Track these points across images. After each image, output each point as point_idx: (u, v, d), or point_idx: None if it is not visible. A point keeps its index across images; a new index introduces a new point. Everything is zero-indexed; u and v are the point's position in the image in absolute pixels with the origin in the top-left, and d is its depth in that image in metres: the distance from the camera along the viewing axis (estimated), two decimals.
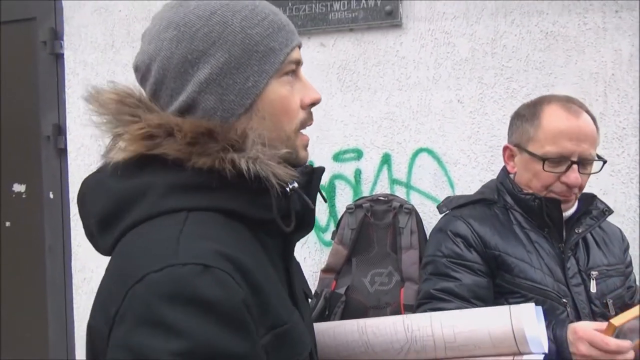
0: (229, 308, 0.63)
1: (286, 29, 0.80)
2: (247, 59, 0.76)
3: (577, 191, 1.32)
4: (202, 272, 0.63)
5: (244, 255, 0.69)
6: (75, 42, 2.60)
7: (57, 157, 2.69)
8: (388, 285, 1.90)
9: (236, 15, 0.77)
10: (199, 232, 0.68)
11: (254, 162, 0.71)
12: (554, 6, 1.91)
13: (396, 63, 2.09)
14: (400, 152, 2.10)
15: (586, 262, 1.34)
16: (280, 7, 2.17)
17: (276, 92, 0.78)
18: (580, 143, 1.26)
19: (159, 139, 0.72)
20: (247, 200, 0.74)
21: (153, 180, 0.72)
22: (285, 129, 0.79)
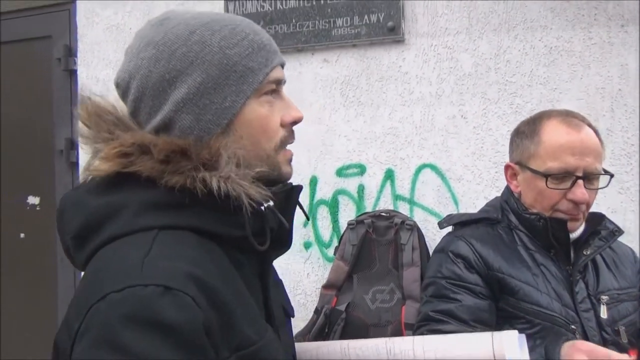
0: (187, 332, 0.61)
1: (266, 48, 0.78)
2: (224, 79, 0.74)
3: (585, 209, 1.21)
4: (163, 294, 0.61)
5: (211, 275, 0.67)
6: (88, 58, 2.58)
7: (69, 171, 2.67)
8: (390, 303, 1.82)
9: (215, 35, 0.75)
10: (166, 252, 0.66)
11: (225, 181, 0.70)
12: (558, 21, 1.83)
13: (399, 78, 2.02)
14: (404, 168, 2.03)
15: (596, 286, 1.23)
16: (283, 23, 2.14)
17: (254, 111, 0.76)
18: (583, 157, 1.17)
19: (133, 157, 0.71)
20: (220, 218, 0.72)
21: (127, 198, 0.71)
22: (264, 148, 0.77)
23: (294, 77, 2.17)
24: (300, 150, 2.15)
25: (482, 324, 1.18)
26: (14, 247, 2.81)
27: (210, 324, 0.63)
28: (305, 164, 2.15)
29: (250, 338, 0.70)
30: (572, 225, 1.22)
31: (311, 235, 2.13)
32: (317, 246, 2.13)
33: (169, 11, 0.80)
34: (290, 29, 2.15)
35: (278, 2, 2.17)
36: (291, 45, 2.15)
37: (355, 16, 2.05)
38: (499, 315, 1.22)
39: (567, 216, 1.21)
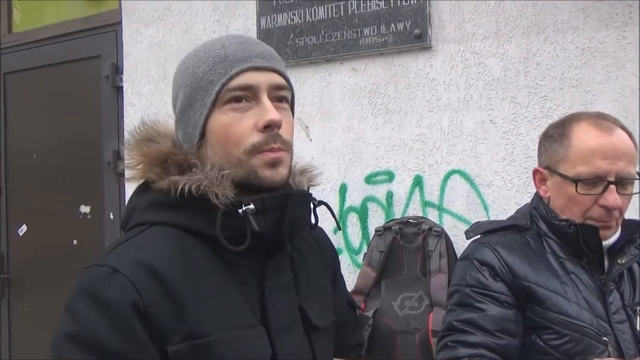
0: (117, 308, 0.70)
1: (228, 59, 0.80)
2: (194, 95, 0.81)
3: (618, 215, 1.12)
4: (110, 274, 0.72)
5: (170, 267, 0.74)
6: (132, 75, 2.66)
7: (117, 181, 2.75)
8: (418, 310, 1.75)
9: (193, 59, 0.83)
10: (139, 242, 0.77)
11: (193, 186, 0.76)
12: (590, 21, 1.72)
13: (426, 85, 1.97)
14: (432, 174, 1.96)
15: (632, 297, 1.13)
16: (312, 35, 2.13)
17: (217, 121, 0.80)
18: (615, 161, 1.08)
19: (148, 166, 0.82)
20: (199, 218, 0.78)
21: (141, 199, 0.83)
22: (232, 153, 0.79)
23: (323, 87, 2.16)
24: (329, 159, 2.14)
25: (507, 334, 1.11)
26: (68, 253, 2.92)
27: (149, 306, 0.71)
28: (335, 171, 2.12)
29: (206, 329, 0.73)
30: (605, 233, 1.13)
31: (341, 242, 2.10)
32: (347, 252, 2.09)
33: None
34: (319, 40, 2.14)
35: (307, 14, 2.16)
36: (320, 55, 2.14)
37: (382, 25, 2.01)
38: (526, 325, 1.14)
39: (599, 223, 1.12)
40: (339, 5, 2.09)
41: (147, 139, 0.83)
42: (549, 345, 1.10)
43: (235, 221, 0.77)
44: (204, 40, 2.40)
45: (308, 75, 2.16)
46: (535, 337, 1.13)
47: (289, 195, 0.81)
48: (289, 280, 0.86)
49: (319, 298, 0.91)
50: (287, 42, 2.19)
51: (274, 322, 0.81)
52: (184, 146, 0.83)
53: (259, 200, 0.78)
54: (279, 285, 0.84)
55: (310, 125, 2.16)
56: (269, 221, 0.79)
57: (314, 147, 2.15)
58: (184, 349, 0.72)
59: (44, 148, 2.99)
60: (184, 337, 0.73)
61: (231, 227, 0.77)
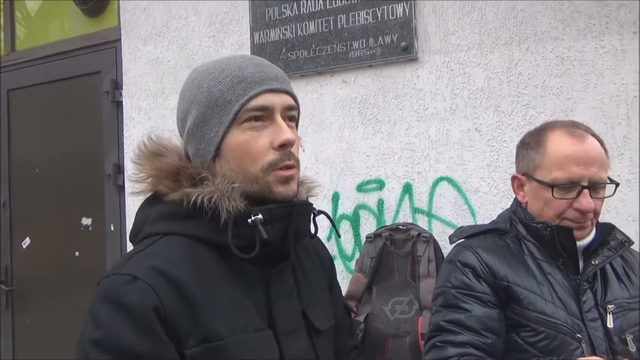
0: (139, 312, 0.73)
1: (246, 80, 0.84)
2: (210, 113, 0.85)
3: (592, 217, 1.18)
4: (130, 281, 0.76)
5: (184, 274, 0.78)
6: (132, 90, 2.75)
7: (117, 194, 2.82)
8: (408, 314, 1.80)
9: (207, 77, 0.86)
10: (154, 252, 0.81)
11: (205, 197, 0.80)
12: (569, 32, 1.79)
13: (414, 95, 2.03)
14: (421, 182, 2.02)
15: (603, 296, 1.19)
16: (304, 49, 2.20)
17: (236, 138, 0.84)
18: (588, 167, 1.15)
19: (158, 179, 0.86)
20: (212, 228, 0.82)
21: (151, 211, 0.87)
22: (249, 170, 0.84)
23: (315, 99, 2.23)
24: (322, 168, 2.20)
25: (493, 333, 1.16)
26: (70, 265, 2.98)
27: (168, 311, 0.75)
28: (327, 180, 2.18)
29: (219, 333, 0.78)
30: (580, 234, 1.19)
31: (335, 249, 2.15)
32: (340, 259, 2.14)
33: (202, 63, 0.93)
34: (310, 54, 2.21)
35: (298, 29, 2.24)
36: (312, 69, 2.21)
37: (370, 38, 2.09)
38: (507, 324, 1.20)
39: (575, 224, 1.18)
40: (328, 20, 2.16)
41: (156, 153, 0.88)
42: (527, 343, 1.15)
43: (244, 230, 0.81)
44: (200, 55, 2.52)
45: (300, 87, 2.23)
46: (514, 335, 1.18)
47: (293, 205, 0.86)
48: (292, 286, 0.91)
49: (319, 303, 0.97)
50: (280, 56, 2.27)
51: (280, 326, 0.86)
52: (195, 160, 0.87)
53: (266, 210, 0.83)
54: (284, 291, 0.89)
55: (303, 136, 2.23)
56: (276, 230, 0.84)
57: (307, 157, 2.21)
58: (200, 352, 0.76)
59: (47, 162, 3.07)
60: (199, 340, 0.77)
61: (241, 236, 0.82)
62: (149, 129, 2.67)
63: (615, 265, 1.25)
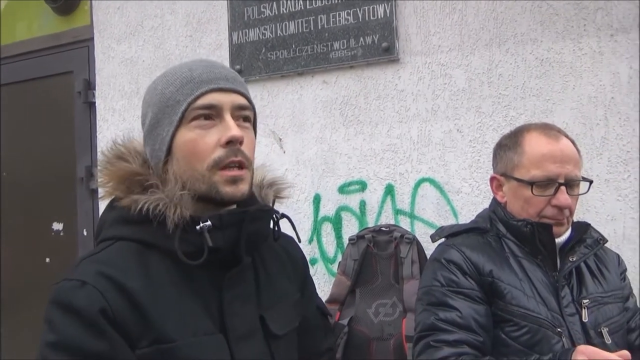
0: (88, 315, 0.77)
1: (194, 81, 0.87)
2: (162, 114, 0.87)
3: (569, 214, 1.24)
4: (79, 286, 0.79)
5: (131, 278, 0.81)
6: (105, 91, 2.69)
7: (90, 198, 2.76)
8: (392, 316, 1.80)
9: (162, 80, 0.90)
10: (102, 257, 0.84)
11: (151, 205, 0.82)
12: (548, 34, 1.83)
13: (395, 96, 2.05)
14: (403, 183, 2.03)
15: (579, 292, 1.24)
16: (284, 49, 2.19)
17: (183, 137, 0.86)
18: (564, 165, 1.21)
19: (116, 184, 0.88)
20: (162, 234, 0.83)
21: (109, 215, 0.90)
22: (197, 168, 0.86)
23: (295, 100, 2.22)
24: (303, 169, 2.19)
25: (484, 330, 1.19)
26: (41, 271, 2.90)
27: (117, 313, 0.78)
28: (309, 182, 2.18)
29: (170, 336, 0.81)
30: (558, 230, 1.24)
31: (316, 251, 2.14)
32: (322, 262, 2.14)
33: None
34: (290, 54, 2.20)
35: (278, 29, 2.23)
36: (292, 69, 2.20)
37: (351, 39, 2.09)
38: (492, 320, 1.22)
39: (553, 221, 1.23)
40: (309, 20, 2.16)
41: (118, 157, 0.90)
42: (510, 337, 1.19)
43: (193, 237, 0.83)
44: (176, 55, 2.48)
45: (280, 88, 2.22)
46: (498, 330, 1.21)
47: (245, 212, 0.87)
48: (249, 291, 0.93)
49: (281, 306, 0.97)
50: (259, 57, 2.25)
51: (232, 331, 0.87)
52: (151, 163, 0.90)
53: (216, 217, 0.84)
54: (239, 295, 0.90)
55: (284, 138, 2.22)
56: (227, 236, 0.85)
57: (288, 158, 2.20)
58: (151, 352, 0.79)
59: (16, 165, 3.00)
60: (150, 342, 0.80)
61: (190, 242, 0.84)
62: (124, 130, 2.60)
63: (588, 262, 1.31)
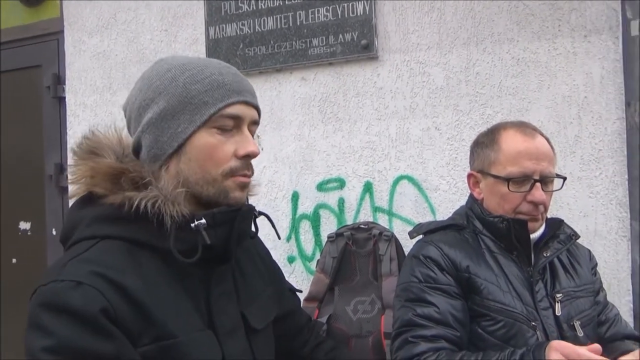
0: (88, 315, 0.74)
1: (225, 87, 0.88)
2: (182, 108, 0.86)
3: (544, 210, 1.28)
4: (74, 287, 0.75)
5: (127, 277, 0.79)
6: (76, 85, 2.63)
7: (59, 196, 2.69)
8: (371, 313, 1.81)
9: (184, 73, 0.88)
10: (92, 257, 0.80)
11: (149, 201, 0.81)
12: (524, 33, 1.87)
13: (374, 94, 2.06)
14: (382, 180, 2.05)
15: (552, 287, 1.28)
16: (262, 45, 2.18)
17: (203, 139, 0.87)
18: (539, 161, 1.25)
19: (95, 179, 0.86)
20: (152, 232, 0.83)
21: (86, 213, 0.86)
22: (210, 172, 0.87)
23: (273, 96, 2.21)
24: (281, 167, 2.18)
25: (460, 325, 1.22)
26: (6, 273, 2.81)
27: (118, 312, 0.76)
28: (287, 179, 2.17)
29: (172, 332, 0.81)
30: (533, 225, 1.28)
31: (295, 249, 2.14)
32: (300, 260, 2.13)
33: (169, 56, 0.95)
34: (269, 50, 2.19)
35: (256, 25, 2.22)
36: (270, 65, 2.19)
37: (330, 35, 2.10)
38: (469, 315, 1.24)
39: (528, 217, 1.27)
40: (287, 16, 2.15)
41: (93, 152, 0.88)
42: (487, 332, 1.22)
43: (187, 235, 0.84)
44: (151, 50, 2.44)
45: (258, 84, 2.21)
46: (475, 325, 1.24)
47: (237, 210, 0.89)
48: (230, 288, 0.96)
49: (257, 302, 1.01)
50: (237, 52, 2.23)
51: (220, 327, 0.89)
52: (150, 154, 0.87)
53: (209, 215, 0.85)
54: (224, 292, 0.92)
55: (262, 134, 2.21)
56: (219, 234, 0.86)
57: (266, 155, 2.19)
58: (153, 349, 0.79)
59: None
60: (152, 339, 0.79)
61: (184, 240, 0.84)
62: (95, 126, 2.55)
63: (561, 257, 1.35)
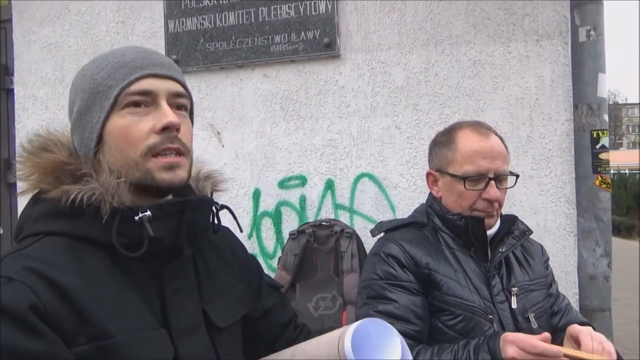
0: (18, 312, 0.71)
1: (127, 66, 0.85)
2: (92, 100, 0.85)
3: (498, 206, 1.34)
4: (5, 283, 0.73)
5: (64, 274, 0.77)
6: (25, 77, 2.53)
7: (7, 192, 2.59)
8: (332, 310, 1.85)
9: (92, 66, 0.87)
10: (30, 253, 0.79)
11: (85, 195, 0.79)
12: (480, 36, 1.95)
13: (336, 92, 2.10)
14: (343, 178, 2.09)
15: (507, 281, 1.35)
16: (223, 40, 2.17)
17: (116, 124, 0.84)
18: (493, 160, 1.30)
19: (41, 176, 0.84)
20: (96, 227, 0.80)
21: (34, 210, 0.85)
22: (129, 155, 0.84)
23: (235, 93, 2.21)
24: (242, 164, 2.19)
25: (420, 320, 1.26)
26: None
27: (49, 309, 0.74)
28: (248, 177, 2.17)
29: (109, 332, 0.77)
30: (488, 222, 1.34)
31: (256, 246, 2.15)
32: (261, 257, 2.15)
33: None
34: (230, 46, 2.19)
35: (217, 19, 2.21)
36: (231, 61, 2.19)
37: (292, 33, 2.11)
38: (429, 310, 1.29)
39: (484, 214, 1.32)
40: (249, 12, 2.16)
41: (42, 148, 0.85)
42: (446, 326, 1.28)
43: (131, 228, 0.81)
44: (107, 42, 2.39)
45: (219, 80, 2.20)
46: (435, 319, 1.30)
47: (186, 201, 0.86)
48: (191, 284, 0.91)
49: (223, 299, 0.97)
50: (197, 47, 2.22)
51: (175, 325, 0.85)
52: (80, 152, 0.86)
53: (155, 207, 0.82)
54: (181, 288, 0.89)
55: (223, 131, 2.20)
56: (167, 227, 0.83)
57: (227, 152, 2.19)
58: (89, 350, 0.75)
59: None
60: (88, 339, 0.76)
61: (127, 233, 0.81)
62: (47, 120, 2.48)
63: (516, 252, 1.43)
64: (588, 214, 1.84)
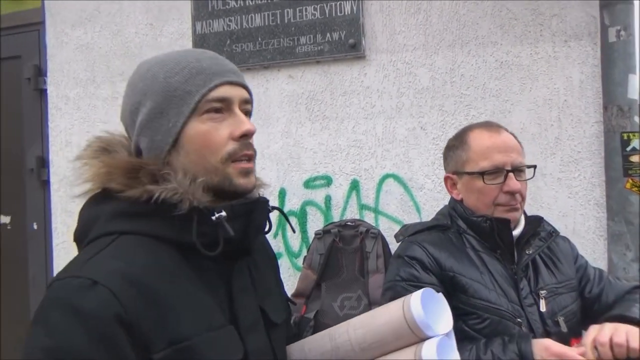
0: (99, 320, 0.71)
1: (205, 72, 0.87)
2: (167, 103, 0.86)
3: (521, 199, 1.34)
4: (89, 286, 0.73)
5: (149, 275, 0.78)
6: (58, 78, 2.62)
7: (41, 189, 2.69)
8: (357, 309, 1.88)
9: (163, 68, 0.88)
10: (112, 253, 0.79)
11: (169, 194, 0.81)
12: (507, 37, 1.94)
13: (361, 93, 2.12)
14: (368, 178, 2.11)
15: (535, 283, 1.35)
16: (249, 42, 2.21)
17: (195, 129, 0.86)
18: (508, 153, 1.32)
19: (109, 176, 0.85)
20: (172, 226, 0.82)
21: (103, 209, 0.85)
22: (209, 161, 0.86)
23: (261, 93, 2.25)
24: (268, 164, 2.23)
25: None
26: None
27: (133, 317, 0.74)
28: (274, 176, 2.22)
29: (186, 333, 0.79)
30: (514, 216, 1.34)
31: (281, 245, 2.19)
32: (287, 256, 2.19)
33: (150, 57, 0.94)
34: (256, 47, 2.23)
35: (244, 21, 2.25)
36: (257, 62, 2.23)
37: (318, 34, 2.14)
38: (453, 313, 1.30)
39: (507, 207, 1.33)
40: (275, 14, 2.19)
41: (104, 149, 0.90)
42: (474, 330, 1.29)
43: (208, 228, 0.83)
44: (136, 43, 2.46)
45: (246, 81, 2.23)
46: (461, 323, 1.30)
47: (255, 202, 0.89)
48: (249, 282, 0.94)
49: (272, 297, 1.02)
50: (224, 48, 2.26)
51: (242, 322, 0.88)
52: (149, 154, 0.87)
53: (228, 207, 0.84)
54: (243, 286, 0.92)
55: None
56: (237, 226, 0.85)
57: None
58: (169, 354, 0.76)
59: None
60: (167, 343, 0.77)
61: (204, 233, 0.83)
62: (79, 120, 2.56)
63: (542, 254, 1.42)
64: (618, 218, 1.82)
